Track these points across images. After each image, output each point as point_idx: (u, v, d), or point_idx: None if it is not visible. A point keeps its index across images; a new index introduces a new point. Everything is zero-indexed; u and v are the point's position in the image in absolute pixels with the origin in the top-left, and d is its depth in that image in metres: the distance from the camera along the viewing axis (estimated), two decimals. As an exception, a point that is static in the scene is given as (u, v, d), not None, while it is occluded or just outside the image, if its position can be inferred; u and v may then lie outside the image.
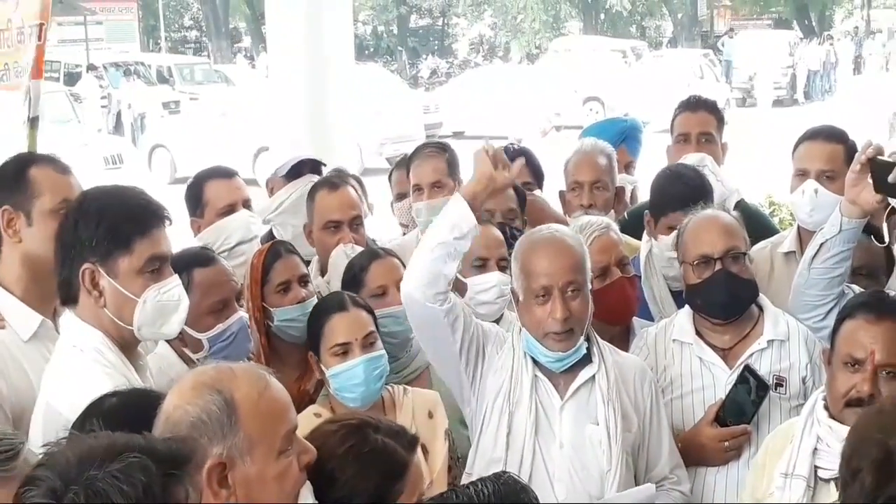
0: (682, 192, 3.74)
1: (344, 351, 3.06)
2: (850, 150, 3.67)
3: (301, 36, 6.24)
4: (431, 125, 21.89)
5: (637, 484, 3.06)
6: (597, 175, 4.18)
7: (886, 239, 4.04)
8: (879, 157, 2.91)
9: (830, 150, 3.69)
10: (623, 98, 23.57)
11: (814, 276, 3.14)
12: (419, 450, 2.35)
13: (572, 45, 32.62)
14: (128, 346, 2.71)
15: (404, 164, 4.46)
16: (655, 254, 3.80)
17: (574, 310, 2.95)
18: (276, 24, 6.73)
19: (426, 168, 4.09)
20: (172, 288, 2.73)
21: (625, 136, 4.68)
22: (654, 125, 12.58)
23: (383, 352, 3.11)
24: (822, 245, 3.09)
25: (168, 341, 3.06)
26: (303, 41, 6.23)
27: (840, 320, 2.85)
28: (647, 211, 3.95)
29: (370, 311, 3.17)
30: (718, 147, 4.41)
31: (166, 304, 2.72)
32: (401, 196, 4.61)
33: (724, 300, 3.24)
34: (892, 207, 3.65)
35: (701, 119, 4.42)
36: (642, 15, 42.61)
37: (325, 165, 4.38)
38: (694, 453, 3.20)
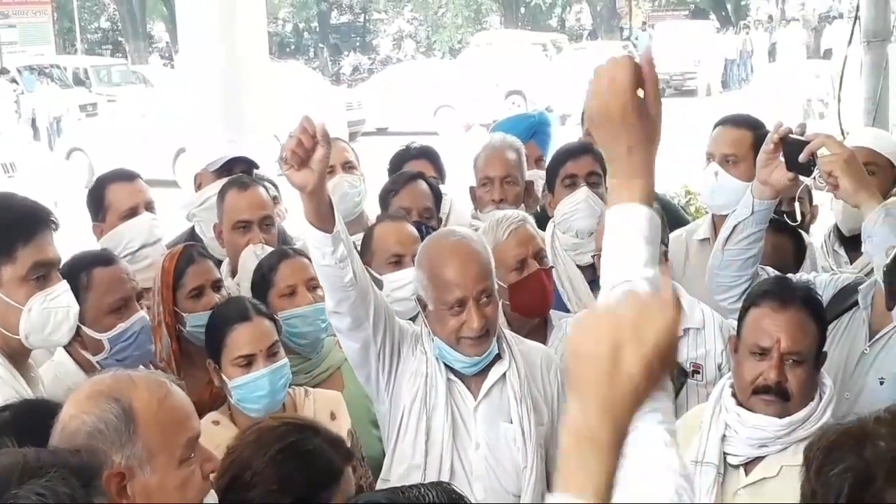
0: (564, 148, 4.07)
1: (248, 362, 2.99)
2: (759, 137, 3.73)
3: (214, 34, 6.15)
4: (354, 122, 21.81)
5: (550, 473, 3.06)
6: (507, 170, 4.20)
7: (798, 218, 4.12)
8: (791, 136, 2.94)
9: (737, 136, 3.76)
10: (544, 91, 23.74)
11: (728, 257, 3.16)
12: (353, 461, 2.34)
13: (493, 39, 32.74)
14: (17, 356, 2.65)
15: None
16: (557, 221, 3.86)
17: (488, 315, 2.94)
18: (189, 23, 6.63)
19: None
20: (60, 294, 2.66)
21: (534, 131, 4.70)
22: (576, 117, 12.66)
23: (286, 360, 3.07)
24: (735, 227, 3.12)
25: (66, 348, 3.00)
26: (216, 39, 6.15)
27: (745, 308, 2.87)
28: (545, 194, 4.01)
29: (272, 319, 3.12)
30: None
31: (54, 310, 2.66)
32: None
33: None
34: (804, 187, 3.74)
35: None
36: (562, 8, 42.96)
37: (258, 168, 4.32)
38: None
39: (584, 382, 1.39)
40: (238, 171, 4.15)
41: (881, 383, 3.07)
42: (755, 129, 3.78)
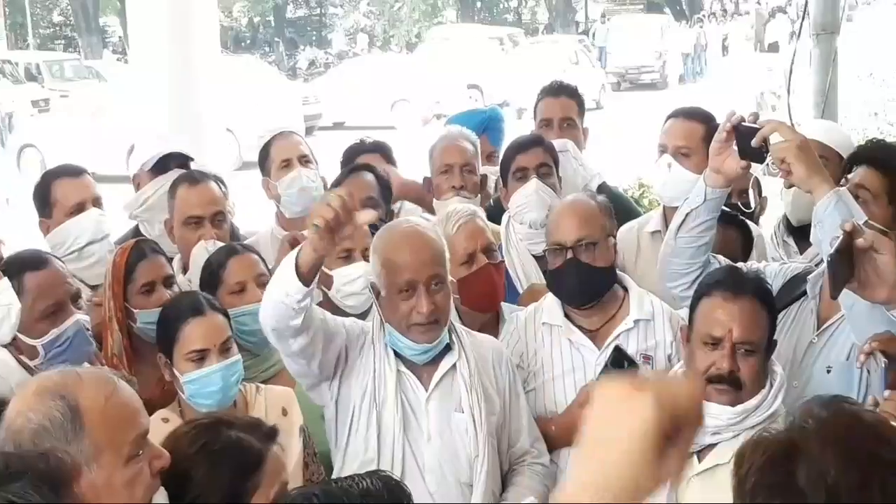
0: (515, 142, 4.08)
1: (201, 357, 2.98)
2: (711, 129, 3.77)
3: (164, 28, 6.07)
4: (311, 116, 21.69)
5: (501, 463, 3.08)
6: (466, 158, 4.22)
7: (753, 205, 4.18)
8: (743, 125, 2.95)
9: (689, 128, 3.80)
10: (501, 85, 23.77)
11: (680, 244, 3.18)
12: (279, 440, 2.32)
13: (450, 33, 32.71)
14: None
15: None
16: (512, 213, 3.87)
17: (438, 302, 2.96)
18: (139, 17, 6.54)
19: None
20: (1, 292, 2.62)
21: (486, 127, 4.71)
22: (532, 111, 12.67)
23: (239, 356, 3.06)
24: (687, 214, 3.14)
25: (7, 347, 2.97)
26: (167, 33, 6.07)
27: (697, 298, 2.90)
28: (500, 187, 4.04)
29: (225, 314, 3.10)
30: (580, 132, 4.50)
31: None
32: None
33: (575, 288, 3.29)
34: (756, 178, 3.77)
35: (563, 104, 4.51)
36: (518, 2, 43.02)
37: (192, 160, 4.29)
38: (568, 435, 3.22)
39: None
40: (173, 167, 4.13)
41: (828, 372, 3.11)
42: (707, 122, 3.82)
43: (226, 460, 2.19)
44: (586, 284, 3.28)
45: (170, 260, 3.59)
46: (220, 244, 3.62)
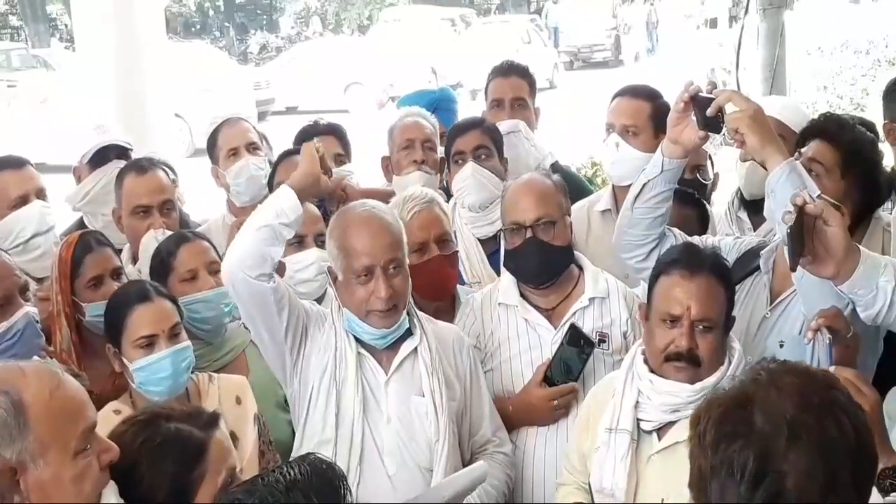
0: (457, 124, 4.10)
1: (149, 343, 2.94)
2: (658, 107, 3.79)
3: (109, 14, 5.99)
4: (263, 101, 21.53)
5: (462, 451, 3.07)
6: (426, 134, 4.21)
7: (710, 177, 4.21)
8: (701, 95, 2.95)
9: (635, 107, 3.80)
10: (454, 66, 23.72)
11: (636, 215, 3.19)
12: (222, 426, 2.30)
13: (402, 14, 32.56)
14: None
15: None
16: (455, 197, 3.89)
17: (396, 286, 2.95)
18: (84, 4, 6.46)
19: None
20: None
21: (436, 107, 4.69)
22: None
23: (189, 343, 3.02)
24: (644, 185, 3.14)
25: None
26: (111, 20, 5.99)
27: (655, 276, 2.90)
28: (446, 172, 4.06)
29: (174, 301, 3.06)
30: (531, 112, 4.49)
31: None
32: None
33: (535, 267, 3.29)
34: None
35: (514, 84, 4.49)
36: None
37: (131, 149, 4.23)
38: (525, 414, 3.24)
39: None
40: (112, 158, 4.07)
41: (781, 346, 3.12)
42: (653, 100, 3.83)
43: (167, 454, 2.17)
44: (546, 263, 3.28)
45: (118, 251, 3.54)
46: (170, 233, 3.58)
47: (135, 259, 3.71)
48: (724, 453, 1.70)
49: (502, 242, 3.41)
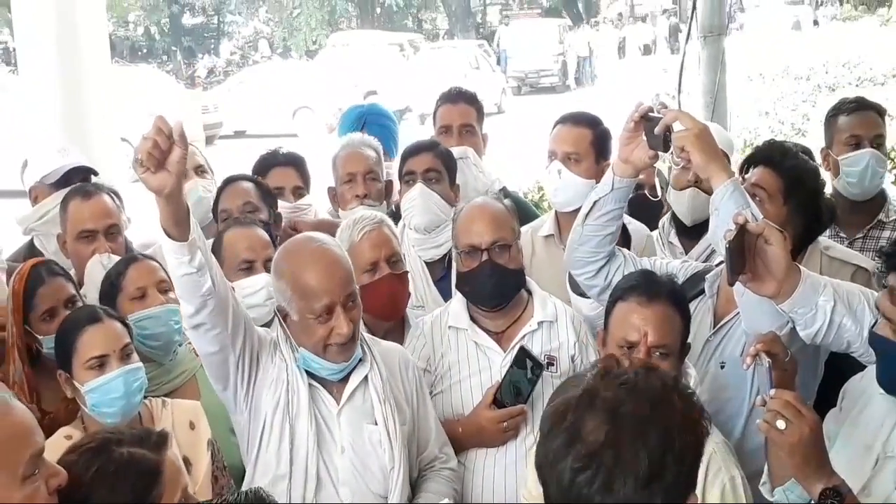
0: (411, 146, 4.06)
1: (100, 364, 2.92)
2: (599, 134, 3.85)
3: (52, 38, 5.93)
4: (211, 125, 21.46)
5: (410, 468, 3.07)
6: (368, 166, 4.21)
7: (658, 194, 4.26)
8: (651, 114, 2.99)
9: (577, 134, 3.85)
10: (403, 91, 23.77)
11: (587, 232, 3.21)
12: (172, 444, 2.29)
13: (350, 39, 32.64)
14: None
15: None
16: (403, 217, 3.88)
17: (354, 319, 2.92)
18: (26, 28, 6.37)
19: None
20: None
21: (365, 121, 4.70)
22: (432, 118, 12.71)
23: (141, 364, 3.00)
24: (595, 203, 3.17)
25: None
26: (53, 44, 5.93)
27: (612, 302, 2.93)
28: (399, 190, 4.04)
29: (124, 323, 3.04)
30: (479, 138, 4.53)
31: None
32: None
33: (489, 290, 3.31)
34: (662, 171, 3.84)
35: (462, 111, 4.52)
36: (417, 8, 43.14)
37: (97, 174, 4.19)
38: (474, 436, 3.24)
39: None
40: (77, 181, 4.04)
41: (722, 367, 3.18)
42: (594, 127, 3.88)
43: (124, 481, 2.15)
44: (500, 286, 3.30)
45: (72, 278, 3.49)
46: (116, 258, 3.56)
47: (80, 284, 3.67)
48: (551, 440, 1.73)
49: (454, 265, 3.42)
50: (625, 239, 3.70)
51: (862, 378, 2.78)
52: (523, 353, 3.22)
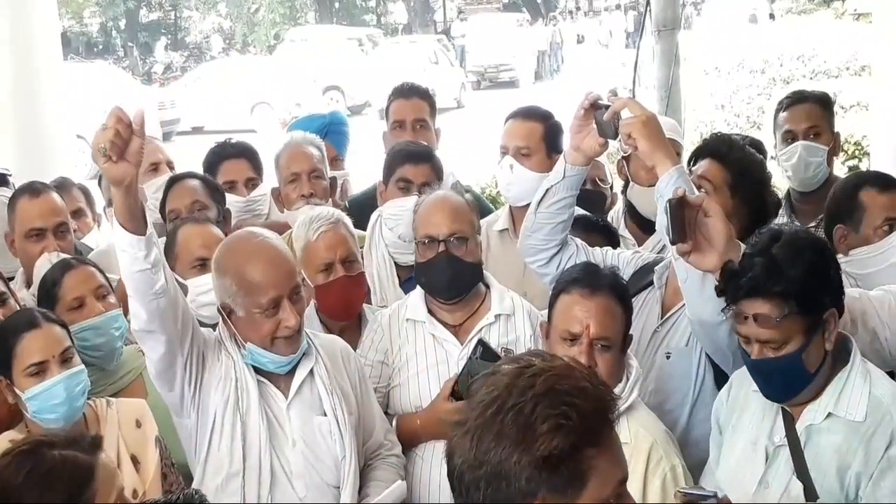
0: (407, 149, 4.00)
1: (40, 370, 2.89)
2: (550, 127, 3.87)
3: (4, 37, 5.87)
4: (168, 122, 21.25)
5: (359, 461, 3.07)
6: (312, 164, 4.17)
7: (609, 180, 4.30)
8: (600, 103, 3.02)
9: (527, 128, 3.88)
10: (362, 86, 23.74)
11: (539, 220, 3.24)
12: (106, 448, 2.30)
13: (308, 34, 32.46)
14: None
15: None
16: (385, 217, 3.84)
17: (300, 312, 2.93)
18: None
19: None
20: None
21: (327, 131, 4.67)
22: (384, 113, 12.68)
23: (83, 367, 2.97)
24: (547, 191, 3.20)
25: None
26: (6, 41, 5.86)
27: (556, 295, 2.96)
28: (379, 181, 4.00)
29: (64, 326, 3.01)
30: (433, 133, 4.52)
31: None
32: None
33: (446, 282, 3.32)
34: (623, 155, 3.87)
35: (415, 106, 4.51)
36: (377, 2, 43.01)
37: (10, 175, 4.14)
38: (432, 428, 3.25)
39: None
40: None
41: (668, 357, 3.21)
42: (545, 120, 3.91)
43: (56, 482, 2.15)
44: (457, 278, 3.31)
45: (9, 278, 3.45)
46: (65, 256, 3.52)
47: (29, 283, 3.64)
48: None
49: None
50: (612, 243, 3.70)
51: (747, 372, 2.81)
52: (482, 345, 3.23)
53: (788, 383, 2.64)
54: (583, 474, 1.66)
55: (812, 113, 4.17)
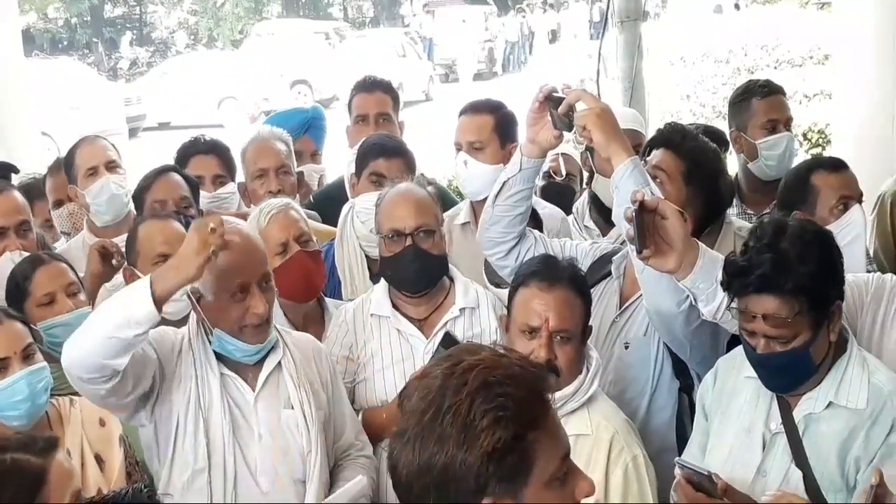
0: (380, 143, 3.95)
1: (1, 367, 2.88)
2: (501, 118, 3.89)
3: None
4: (134, 117, 21.15)
5: (329, 460, 3.08)
6: (280, 160, 4.16)
7: (563, 173, 4.33)
8: (555, 95, 3.03)
9: (478, 122, 3.90)
10: (329, 79, 23.65)
11: (497, 213, 3.25)
12: (62, 449, 2.28)
13: (274, 28, 32.29)
14: None
15: (59, 168, 4.28)
16: (357, 210, 3.83)
17: (269, 301, 2.92)
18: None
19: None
20: None
21: (308, 126, 4.66)
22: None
23: (45, 364, 2.96)
24: (504, 183, 3.21)
25: None
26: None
27: (514, 288, 2.98)
28: (352, 174, 3.98)
29: (25, 323, 3.00)
30: (396, 126, 4.52)
31: None
32: (58, 203, 4.40)
33: (413, 275, 3.32)
34: (587, 147, 3.90)
35: (378, 99, 4.51)
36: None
37: (16, 171, 4.11)
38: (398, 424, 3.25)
39: None
40: None
41: (626, 347, 3.24)
42: (495, 112, 3.92)
43: (6, 486, 2.14)
44: (424, 272, 3.32)
45: None
46: (27, 254, 3.49)
47: (-10, 282, 3.61)
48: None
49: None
50: (535, 222, 3.74)
51: (734, 359, 2.84)
52: (448, 338, 3.24)
53: (796, 377, 2.65)
54: (528, 458, 1.69)
55: (787, 104, 4.25)
